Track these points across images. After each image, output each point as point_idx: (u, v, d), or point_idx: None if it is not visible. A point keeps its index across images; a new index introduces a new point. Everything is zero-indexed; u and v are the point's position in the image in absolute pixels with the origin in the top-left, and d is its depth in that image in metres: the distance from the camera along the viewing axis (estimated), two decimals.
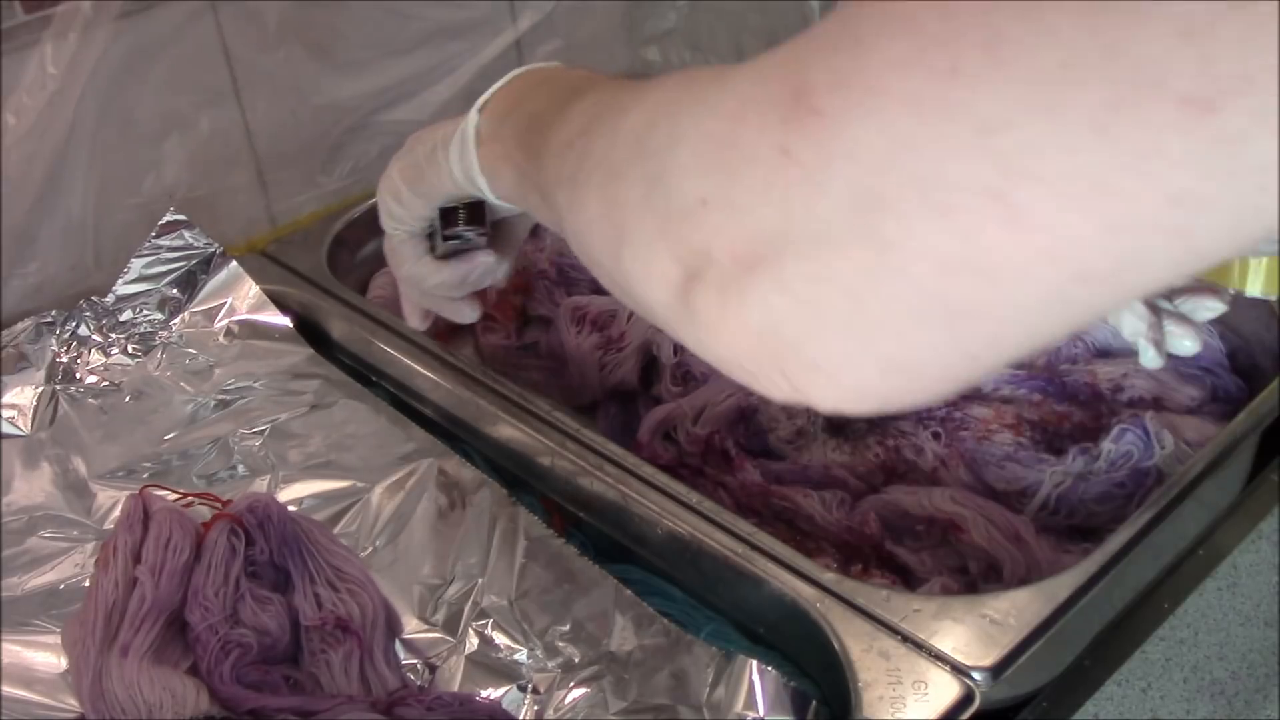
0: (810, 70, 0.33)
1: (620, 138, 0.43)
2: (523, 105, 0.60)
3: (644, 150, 0.41)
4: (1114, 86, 0.27)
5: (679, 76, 0.43)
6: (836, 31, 0.33)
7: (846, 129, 0.32)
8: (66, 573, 0.70)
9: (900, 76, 0.30)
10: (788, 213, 0.34)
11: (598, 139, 0.46)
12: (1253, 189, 0.27)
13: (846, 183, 0.32)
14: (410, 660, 0.64)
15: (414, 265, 0.74)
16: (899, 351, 0.34)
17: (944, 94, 0.29)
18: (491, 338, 0.92)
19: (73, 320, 0.86)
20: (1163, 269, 0.30)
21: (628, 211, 0.42)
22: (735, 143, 0.36)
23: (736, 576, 0.65)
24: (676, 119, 0.40)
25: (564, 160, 0.49)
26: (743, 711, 0.58)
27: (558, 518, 0.73)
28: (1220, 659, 0.70)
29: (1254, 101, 0.26)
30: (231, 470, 0.77)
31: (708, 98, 0.38)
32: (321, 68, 0.99)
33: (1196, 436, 0.74)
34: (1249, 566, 0.72)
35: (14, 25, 0.81)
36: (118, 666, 0.60)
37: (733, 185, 0.36)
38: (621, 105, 0.45)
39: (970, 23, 0.29)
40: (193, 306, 0.88)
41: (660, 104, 0.41)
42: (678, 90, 0.41)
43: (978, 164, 0.29)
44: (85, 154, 0.88)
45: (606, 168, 0.44)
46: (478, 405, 0.77)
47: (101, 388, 0.84)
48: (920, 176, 0.30)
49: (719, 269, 0.37)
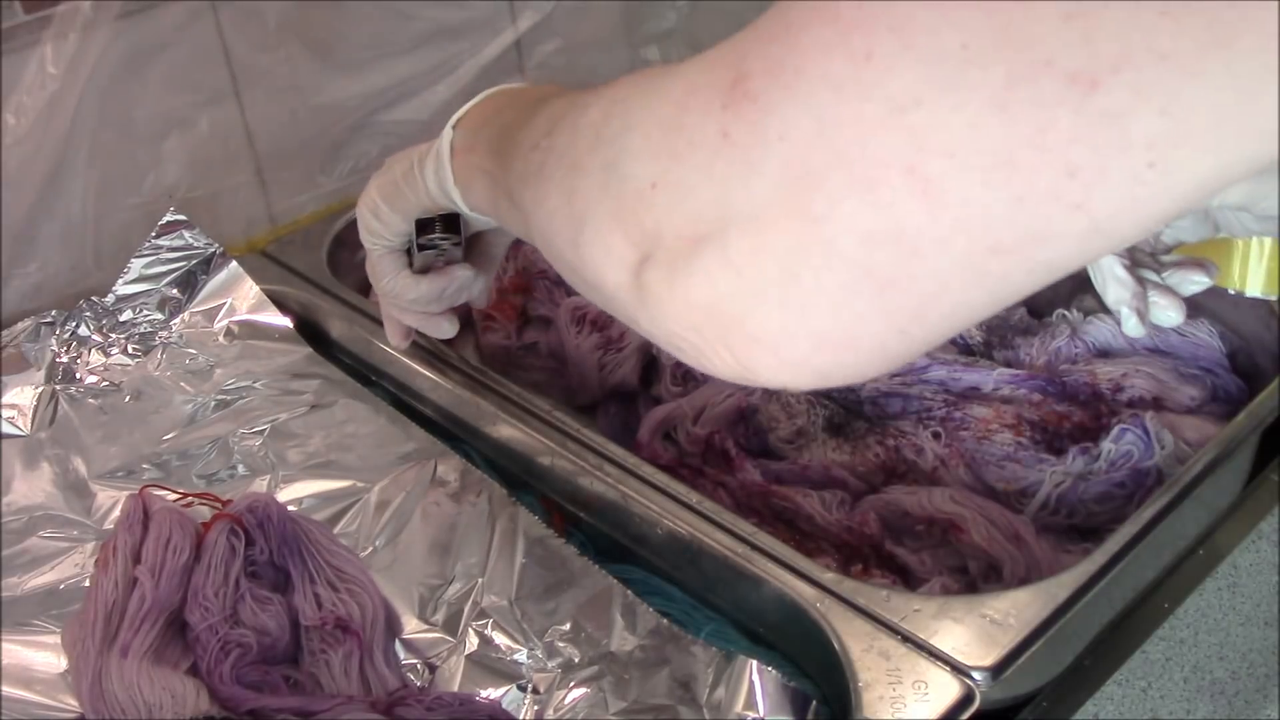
0: (748, 58, 0.36)
1: (580, 133, 0.45)
2: (496, 118, 0.62)
3: (600, 140, 0.43)
4: (1009, 66, 0.29)
5: (637, 73, 0.45)
6: (774, 21, 0.35)
7: (777, 111, 0.34)
8: (66, 573, 0.70)
9: (823, 60, 0.33)
10: (727, 192, 0.36)
11: (560, 136, 0.47)
12: (1142, 164, 0.29)
13: (779, 162, 0.34)
14: (410, 660, 0.64)
15: (392, 280, 0.75)
16: (832, 326, 0.36)
17: (861, 75, 0.32)
18: (491, 338, 0.92)
19: (73, 320, 0.86)
20: (1070, 244, 0.32)
21: (587, 200, 0.44)
22: (681, 127, 0.38)
23: (736, 576, 0.65)
24: (629, 108, 0.42)
25: (529, 161, 0.51)
26: (743, 711, 0.58)
27: (558, 518, 0.73)
28: (1220, 659, 0.70)
29: (1134, 77, 0.28)
30: (231, 470, 0.77)
31: (658, 86, 0.40)
32: (321, 68, 0.99)
33: (1196, 436, 0.74)
34: (1249, 566, 0.72)
35: (14, 25, 0.81)
36: (117, 667, 0.60)
37: (679, 167, 0.38)
38: (584, 103, 0.47)
39: (882, 9, 0.31)
40: (193, 306, 0.88)
41: (616, 97, 0.44)
42: (633, 84, 0.44)
43: (894, 140, 0.31)
44: (85, 154, 0.88)
45: (568, 161, 0.46)
46: (478, 405, 0.77)
47: (101, 388, 0.84)
48: (844, 153, 0.33)
49: (667, 248, 0.39)
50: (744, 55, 0.36)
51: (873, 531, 0.72)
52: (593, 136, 0.44)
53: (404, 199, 0.70)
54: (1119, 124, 0.29)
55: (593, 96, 0.47)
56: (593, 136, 0.44)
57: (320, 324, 0.89)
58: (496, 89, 0.66)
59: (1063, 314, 0.91)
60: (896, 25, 0.31)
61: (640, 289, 0.41)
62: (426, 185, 0.67)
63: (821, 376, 0.38)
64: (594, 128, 0.44)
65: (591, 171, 0.43)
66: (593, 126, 0.44)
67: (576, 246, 0.45)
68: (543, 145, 0.50)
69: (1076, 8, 0.28)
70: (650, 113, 0.40)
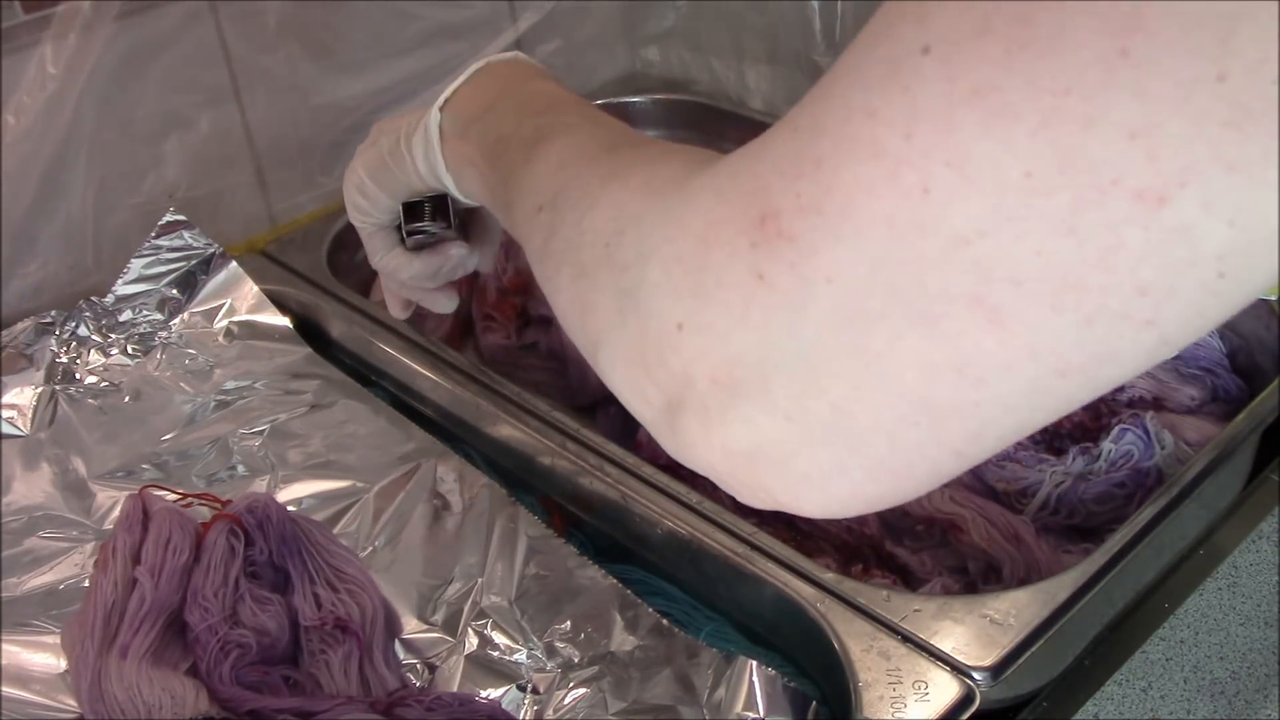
0: (773, 194, 0.34)
1: (586, 237, 0.43)
2: (488, 116, 0.60)
3: (613, 261, 0.41)
4: (1075, 190, 0.28)
5: (641, 172, 0.43)
6: (794, 152, 0.33)
7: (822, 253, 0.32)
8: (66, 573, 0.70)
9: (870, 198, 0.31)
10: (768, 336, 0.34)
11: (563, 225, 0.46)
12: (1212, 275, 0.28)
13: (829, 304, 0.33)
14: (410, 660, 0.64)
15: (386, 257, 0.74)
16: (888, 455, 0.35)
17: (917, 212, 0.30)
18: (491, 338, 0.92)
19: (72, 320, 0.86)
20: (1136, 358, 0.31)
21: (602, 323, 0.42)
22: (706, 266, 0.36)
23: (736, 576, 0.65)
24: (642, 231, 0.40)
25: (534, 227, 0.49)
26: (743, 712, 0.58)
27: (558, 518, 0.73)
28: (1220, 659, 0.70)
29: (1202, 190, 0.27)
30: (231, 470, 0.77)
31: (673, 211, 0.38)
32: (321, 68, 0.99)
33: (1196, 436, 0.74)
34: (1249, 566, 0.72)
35: (14, 25, 0.81)
36: (117, 667, 0.60)
37: (708, 310, 0.36)
38: (586, 190, 0.45)
39: (935, 143, 0.29)
40: (192, 307, 0.88)
41: (625, 208, 0.42)
42: (641, 194, 0.41)
43: (958, 274, 0.30)
44: (85, 154, 0.88)
45: (575, 263, 0.44)
46: (478, 405, 0.77)
47: (101, 388, 0.84)
48: (903, 291, 0.31)
49: (700, 393, 0.37)
50: (766, 190, 0.34)
51: (872, 531, 0.72)
52: (602, 249, 0.42)
53: (392, 177, 0.69)
54: (1189, 238, 0.28)
55: (596, 183, 0.45)
56: (602, 249, 0.42)
57: (320, 324, 0.89)
58: (484, 64, 0.64)
59: None
60: (953, 159, 0.29)
61: (672, 430, 0.39)
62: (416, 165, 0.66)
63: (872, 504, 0.37)
64: (601, 238, 0.42)
65: (604, 290, 0.41)
66: (600, 235, 0.42)
67: (594, 360, 0.43)
68: (544, 218, 0.48)
69: (1140, 125, 0.27)
70: (670, 245, 0.38)
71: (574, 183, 0.47)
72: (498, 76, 0.63)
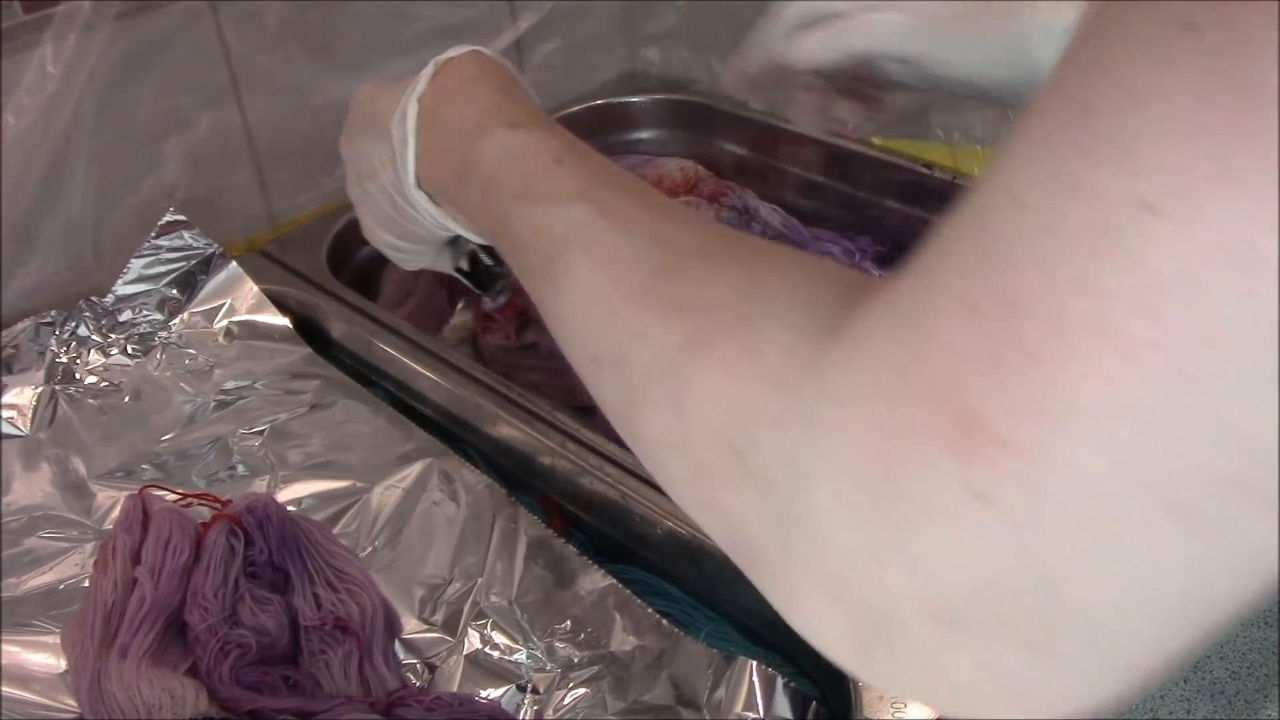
0: (969, 393, 0.28)
1: (697, 432, 0.36)
2: (462, 195, 0.56)
3: (750, 471, 0.34)
4: None
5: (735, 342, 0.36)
6: (984, 337, 0.28)
7: (1056, 459, 0.27)
8: (66, 573, 0.70)
9: (1113, 389, 0.26)
10: (998, 562, 0.29)
11: (646, 401, 0.39)
12: None
13: (1070, 516, 0.28)
14: (410, 660, 0.64)
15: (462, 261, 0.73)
16: (1143, 661, 0.30)
17: (1172, 399, 0.26)
18: (491, 338, 0.92)
19: (72, 320, 0.86)
20: None
21: (754, 537, 0.36)
22: (893, 486, 0.30)
23: (736, 576, 0.64)
24: (786, 442, 0.33)
25: (593, 379, 0.43)
26: (743, 712, 0.58)
27: (557, 518, 0.73)
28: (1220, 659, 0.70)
29: None
30: (231, 470, 0.77)
31: (821, 418, 0.32)
32: (321, 68, 0.99)
33: None
34: None
35: (14, 25, 0.81)
36: (117, 668, 0.60)
37: (911, 540, 0.30)
38: (668, 364, 0.38)
39: (1184, 315, 0.25)
40: (192, 307, 0.88)
41: (743, 404, 0.35)
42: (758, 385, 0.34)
43: (1224, 461, 0.26)
44: (85, 154, 0.88)
45: (689, 458, 0.37)
46: (478, 405, 0.77)
47: (101, 388, 0.84)
48: (1158, 487, 0.27)
49: (911, 632, 0.31)
50: (956, 387, 0.28)
51: None
52: (729, 454, 0.35)
53: (416, 234, 0.67)
54: None
55: (671, 347, 0.38)
56: (729, 454, 0.35)
57: (320, 324, 0.89)
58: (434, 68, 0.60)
59: None
60: (1213, 336, 0.25)
61: (867, 661, 0.33)
62: (430, 224, 0.63)
63: (1112, 710, 0.32)
64: (723, 439, 0.35)
65: (747, 501, 0.35)
66: (720, 436, 0.35)
67: (750, 572, 0.37)
68: (609, 373, 0.41)
69: None
70: (834, 464, 0.31)
71: (639, 344, 0.39)
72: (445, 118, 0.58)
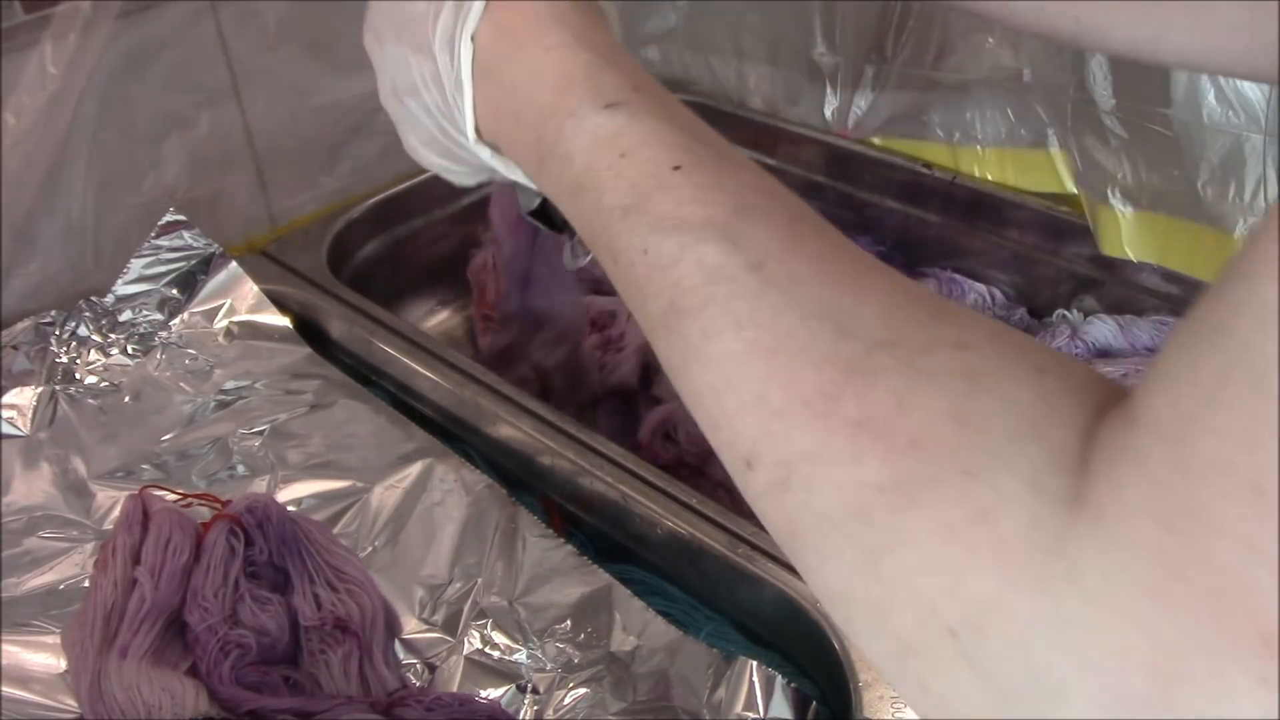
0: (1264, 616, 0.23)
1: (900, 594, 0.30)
2: (544, 176, 0.44)
3: (974, 663, 0.28)
4: None
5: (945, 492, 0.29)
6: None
7: None
8: (66, 573, 0.70)
9: None
10: None
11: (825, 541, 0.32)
12: None
13: None
14: (410, 660, 0.64)
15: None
16: None
17: None
18: (491, 338, 0.92)
19: (72, 320, 0.86)
20: None
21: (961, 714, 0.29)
22: (1173, 709, 0.25)
23: (736, 576, 0.65)
24: (1031, 641, 0.27)
25: (744, 479, 0.35)
26: (743, 712, 0.58)
27: (558, 518, 0.73)
28: None
29: None
30: (231, 470, 0.77)
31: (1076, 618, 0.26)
32: (321, 68, 0.99)
33: None
34: None
35: (14, 25, 0.81)
36: (117, 668, 0.60)
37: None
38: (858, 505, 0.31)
39: None
40: (192, 307, 0.88)
41: (968, 584, 0.28)
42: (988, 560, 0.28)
43: None
44: (85, 154, 0.88)
45: (887, 629, 0.31)
46: (478, 405, 0.77)
47: (101, 388, 0.84)
48: None
49: None
50: (1260, 594, 0.23)
51: None
52: (944, 635, 0.29)
53: (469, 159, 0.51)
54: None
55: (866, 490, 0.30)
56: (944, 635, 0.29)
57: (320, 324, 0.89)
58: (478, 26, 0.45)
59: (1063, 314, 0.91)
60: None
61: None
62: (488, 164, 0.50)
63: None
64: (937, 615, 0.29)
65: (967, 693, 0.29)
66: (934, 611, 0.29)
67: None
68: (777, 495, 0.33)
69: None
70: (1096, 677, 0.26)
71: (815, 470, 0.32)
72: (510, 72, 0.45)
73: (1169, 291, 0.90)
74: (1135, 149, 0.86)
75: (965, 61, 0.98)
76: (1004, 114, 0.97)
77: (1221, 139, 0.80)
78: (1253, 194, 0.81)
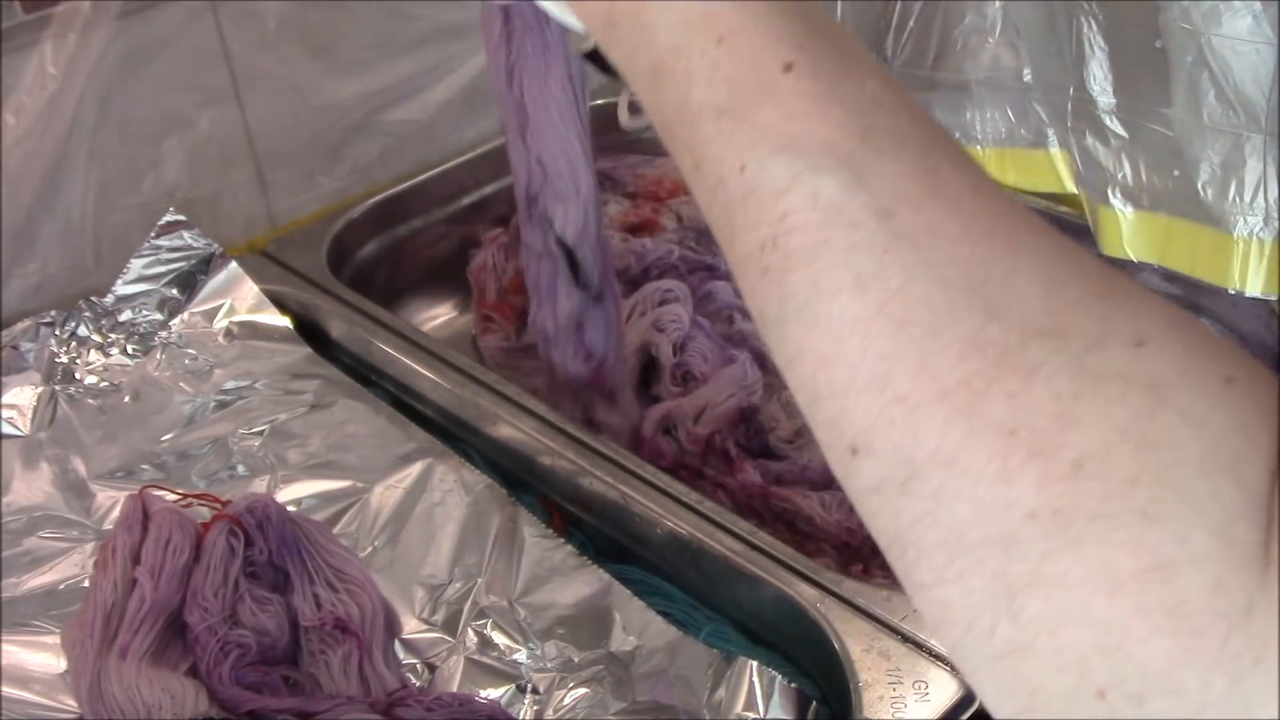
0: None
1: (1041, 642, 0.26)
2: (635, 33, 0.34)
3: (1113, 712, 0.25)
4: None
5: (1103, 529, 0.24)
6: None
7: None
8: (66, 573, 0.70)
9: None
10: None
11: (948, 565, 0.27)
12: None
13: None
14: (410, 660, 0.64)
15: None
16: None
17: None
18: (491, 339, 0.92)
19: (72, 320, 0.86)
20: None
21: None
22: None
23: (736, 576, 0.65)
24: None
25: (847, 469, 0.31)
26: (743, 712, 0.58)
27: (558, 518, 0.73)
28: None
29: None
30: (231, 470, 0.77)
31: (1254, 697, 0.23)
32: (321, 68, 0.99)
33: None
34: None
35: (14, 25, 0.81)
36: (116, 668, 0.60)
37: None
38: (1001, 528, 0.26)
39: None
40: (192, 307, 0.88)
41: (1126, 645, 0.24)
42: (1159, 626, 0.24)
43: None
44: (85, 154, 0.88)
45: (1024, 681, 0.27)
46: (478, 405, 0.77)
47: (101, 388, 0.84)
48: None
49: None
50: None
51: None
52: (1085, 687, 0.25)
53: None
54: None
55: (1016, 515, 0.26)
56: (1085, 687, 0.25)
57: (320, 324, 0.89)
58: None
59: None
60: None
61: None
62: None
63: None
64: (1090, 677, 0.25)
65: None
66: (1087, 674, 0.25)
67: None
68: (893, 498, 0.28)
69: None
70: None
71: (947, 477, 0.27)
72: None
73: (1169, 291, 0.89)
74: (1135, 149, 0.86)
75: (965, 61, 0.98)
76: (1004, 114, 0.97)
77: (1221, 139, 0.80)
78: (1253, 194, 0.81)
